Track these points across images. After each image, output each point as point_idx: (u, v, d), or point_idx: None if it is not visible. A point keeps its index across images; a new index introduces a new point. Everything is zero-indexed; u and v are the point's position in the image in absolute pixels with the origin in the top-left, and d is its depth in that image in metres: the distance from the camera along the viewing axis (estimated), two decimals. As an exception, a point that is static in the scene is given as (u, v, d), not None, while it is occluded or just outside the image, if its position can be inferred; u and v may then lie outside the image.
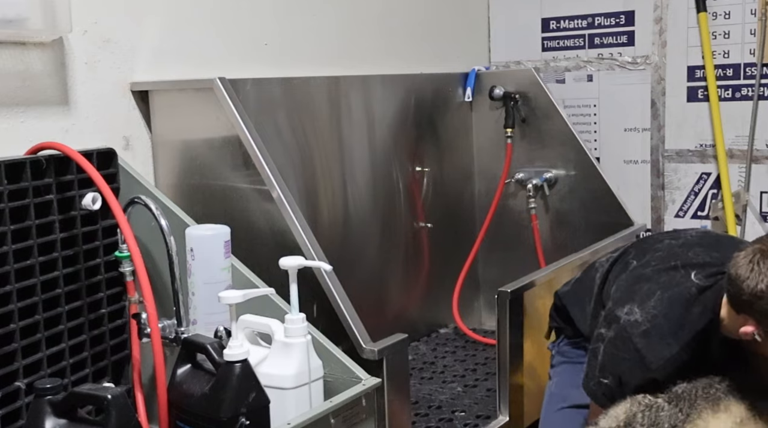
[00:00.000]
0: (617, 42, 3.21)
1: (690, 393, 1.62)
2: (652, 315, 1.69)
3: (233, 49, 2.41)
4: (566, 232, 3.03)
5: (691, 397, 1.61)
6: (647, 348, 1.68)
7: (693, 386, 1.63)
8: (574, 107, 3.29)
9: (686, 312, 1.68)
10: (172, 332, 1.80)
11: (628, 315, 1.72)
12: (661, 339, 1.67)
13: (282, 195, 1.95)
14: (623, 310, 1.74)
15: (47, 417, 1.37)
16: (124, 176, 1.95)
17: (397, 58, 2.97)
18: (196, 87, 2.10)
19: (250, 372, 1.52)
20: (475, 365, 2.70)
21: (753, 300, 1.53)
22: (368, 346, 1.79)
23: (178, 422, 1.58)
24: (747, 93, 2.97)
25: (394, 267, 2.85)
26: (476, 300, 3.20)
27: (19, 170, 1.72)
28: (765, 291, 1.51)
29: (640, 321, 1.69)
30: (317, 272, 1.86)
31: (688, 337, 1.67)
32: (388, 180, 2.80)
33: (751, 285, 1.53)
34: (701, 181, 3.10)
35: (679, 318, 1.68)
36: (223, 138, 2.04)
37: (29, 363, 1.73)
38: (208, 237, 1.78)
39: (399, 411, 1.81)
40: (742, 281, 1.55)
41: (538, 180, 3.02)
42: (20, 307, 1.70)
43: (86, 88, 2.04)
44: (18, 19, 1.81)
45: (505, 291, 2.12)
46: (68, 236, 1.82)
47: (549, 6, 3.33)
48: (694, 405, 1.59)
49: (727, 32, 2.99)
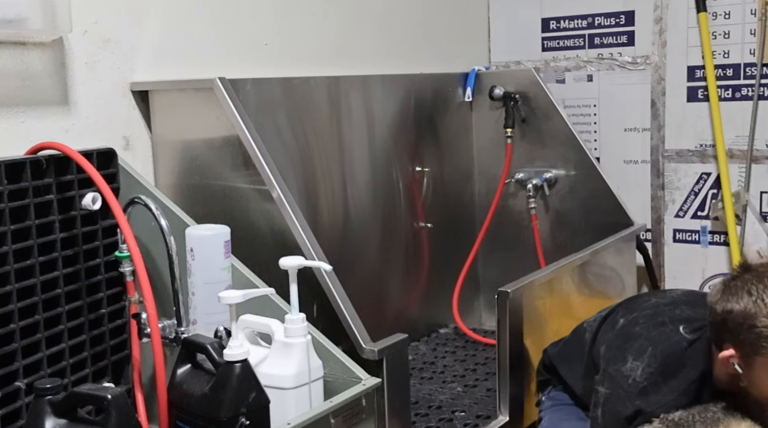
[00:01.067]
0: (617, 42, 3.21)
1: (687, 420, 1.64)
2: (649, 374, 1.73)
3: (233, 49, 2.41)
4: (566, 232, 3.03)
5: (689, 422, 1.63)
6: (646, 403, 1.72)
7: (689, 413, 1.66)
8: (574, 107, 3.29)
9: (679, 364, 1.74)
10: (172, 332, 1.80)
11: (623, 374, 1.76)
12: (658, 393, 1.72)
13: (282, 195, 1.95)
14: (618, 368, 1.78)
15: (47, 417, 1.37)
16: (124, 176, 1.95)
17: (397, 58, 2.97)
18: (196, 87, 2.10)
19: (250, 372, 1.52)
20: (475, 365, 2.70)
21: (726, 320, 1.59)
22: (368, 346, 1.79)
23: (178, 422, 1.58)
24: (747, 93, 2.97)
25: (394, 267, 2.85)
26: (476, 300, 3.20)
27: (19, 170, 1.72)
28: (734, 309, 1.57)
29: (638, 381, 1.74)
30: (317, 272, 1.86)
31: (683, 387, 1.72)
32: (388, 180, 2.80)
33: (722, 305, 1.60)
34: (701, 181, 3.10)
35: (674, 372, 1.73)
36: (223, 138, 2.04)
37: (29, 363, 1.73)
38: (208, 237, 1.78)
39: (399, 411, 1.81)
40: (714, 304, 1.62)
41: (538, 180, 3.02)
42: (20, 307, 1.70)
43: (86, 88, 2.04)
44: (18, 19, 1.81)
45: (505, 291, 2.12)
46: (68, 236, 1.82)
47: (549, 6, 3.33)
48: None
49: (727, 32, 2.99)
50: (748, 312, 1.55)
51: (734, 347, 1.59)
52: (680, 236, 3.16)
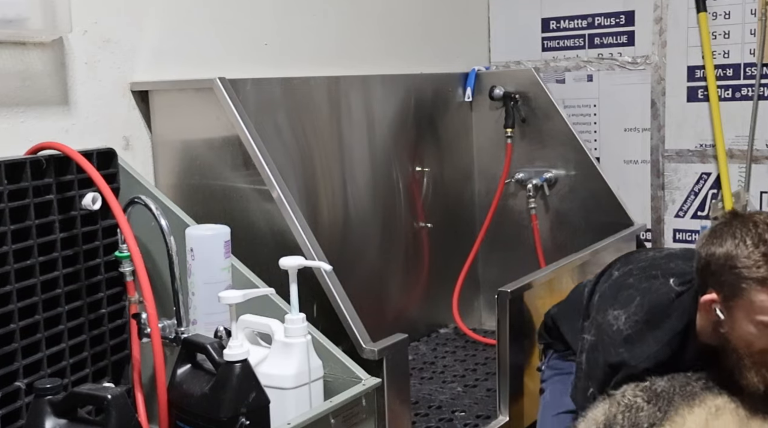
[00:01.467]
0: (617, 42, 3.21)
1: (668, 392, 1.63)
2: (634, 322, 1.73)
3: (233, 49, 2.41)
4: (566, 232, 3.03)
5: (669, 395, 1.63)
6: (629, 352, 1.71)
7: (671, 384, 1.65)
8: (574, 107, 3.29)
9: (665, 316, 1.72)
10: (172, 332, 1.80)
11: (609, 322, 1.76)
12: (642, 342, 1.71)
13: (282, 195, 1.95)
14: (605, 317, 1.77)
15: (47, 417, 1.37)
16: (124, 176, 1.95)
17: (397, 58, 2.97)
18: (196, 87, 2.10)
19: (250, 372, 1.52)
20: (475, 365, 2.70)
21: (709, 262, 1.59)
22: (368, 346, 1.79)
23: (178, 422, 1.58)
24: (747, 93, 2.97)
25: (394, 267, 2.85)
26: (476, 300, 3.20)
27: (19, 170, 1.72)
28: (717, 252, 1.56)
29: (622, 329, 1.73)
30: (317, 272, 1.86)
31: (667, 338, 1.70)
32: (388, 180, 2.80)
33: (706, 249, 1.59)
34: (701, 181, 3.10)
35: (659, 322, 1.71)
36: (223, 138, 2.04)
37: (29, 363, 1.73)
38: (208, 237, 1.78)
39: (399, 411, 1.81)
40: (699, 249, 1.61)
41: (538, 180, 3.02)
42: (20, 307, 1.70)
43: (86, 88, 2.04)
44: (18, 19, 1.81)
45: (505, 291, 2.12)
46: (68, 236, 1.82)
47: (549, 6, 3.33)
48: (672, 402, 1.61)
49: (727, 32, 2.99)
50: (729, 254, 1.55)
51: (716, 290, 1.59)
52: (680, 236, 3.16)
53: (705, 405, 1.60)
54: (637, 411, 1.59)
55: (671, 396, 1.62)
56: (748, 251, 1.53)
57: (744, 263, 1.53)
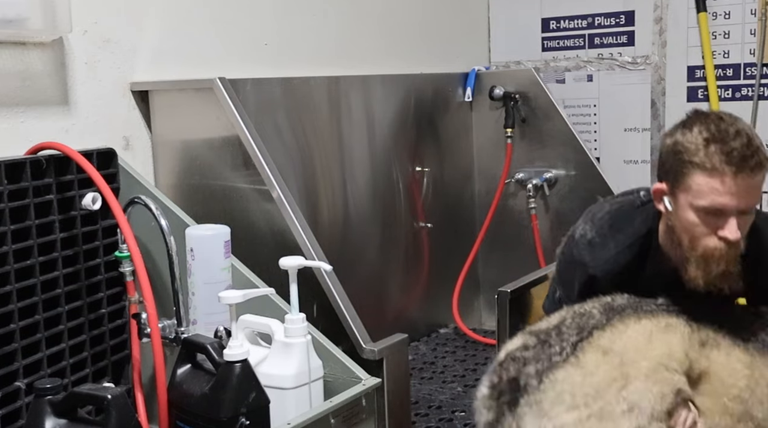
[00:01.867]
0: (617, 42, 3.21)
1: (623, 306, 1.64)
2: (599, 227, 1.77)
3: (233, 49, 2.41)
4: (566, 232, 3.02)
5: (623, 308, 1.63)
6: (590, 254, 1.75)
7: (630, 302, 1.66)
8: (574, 107, 3.29)
9: (628, 220, 1.75)
10: (172, 332, 1.80)
11: (579, 233, 1.80)
12: (604, 245, 1.74)
13: (282, 195, 1.95)
14: (576, 230, 1.82)
15: (47, 417, 1.38)
16: (124, 176, 1.95)
17: (397, 58, 2.97)
18: (196, 87, 2.10)
19: (250, 372, 1.52)
20: (475, 365, 2.70)
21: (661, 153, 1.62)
22: (368, 346, 1.79)
23: (178, 422, 1.58)
24: (747, 93, 2.97)
25: (394, 267, 2.85)
26: (476, 300, 3.20)
27: (19, 170, 1.72)
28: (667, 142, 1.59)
29: (589, 237, 1.77)
30: (317, 272, 1.86)
31: (629, 241, 1.73)
32: (388, 180, 2.80)
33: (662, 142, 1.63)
34: (701, 181, 3.09)
35: (622, 227, 1.75)
36: (223, 138, 2.04)
37: (29, 363, 1.73)
38: (208, 237, 1.78)
39: (399, 411, 1.81)
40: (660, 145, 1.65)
41: (538, 180, 3.02)
42: (20, 307, 1.70)
43: (86, 88, 2.04)
44: (18, 19, 1.81)
45: (505, 291, 2.12)
46: (68, 236, 1.82)
47: (549, 6, 3.33)
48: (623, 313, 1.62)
49: (727, 32, 2.99)
50: (676, 141, 1.57)
51: (666, 180, 1.61)
52: (680, 236, 3.16)
53: (656, 320, 1.61)
54: (588, 318, 1.62)
55: (624, 308, 1.63)
56: (692, 137, 1.55)
57: (686, 148, 1.54)
